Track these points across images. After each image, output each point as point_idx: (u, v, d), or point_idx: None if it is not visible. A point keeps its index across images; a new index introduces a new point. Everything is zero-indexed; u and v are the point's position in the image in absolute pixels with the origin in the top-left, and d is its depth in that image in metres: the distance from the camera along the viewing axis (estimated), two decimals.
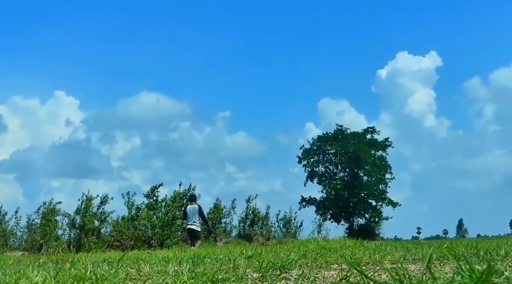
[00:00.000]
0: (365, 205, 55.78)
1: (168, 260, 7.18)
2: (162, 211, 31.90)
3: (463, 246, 7.78)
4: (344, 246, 11.64)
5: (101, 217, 31.76)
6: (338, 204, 55.39)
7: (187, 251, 10.85)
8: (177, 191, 33.17)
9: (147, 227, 31.05)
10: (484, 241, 11.96)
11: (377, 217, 55.01)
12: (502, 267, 2.64)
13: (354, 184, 56.06)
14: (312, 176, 57.52)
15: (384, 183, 55.98)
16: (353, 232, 48.90)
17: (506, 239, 14.09)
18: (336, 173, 58.02)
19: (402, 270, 3.34)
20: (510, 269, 2.71)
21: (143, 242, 30.02)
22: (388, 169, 56.52)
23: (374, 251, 7.77)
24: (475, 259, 4.29)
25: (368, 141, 57.24)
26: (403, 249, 8.82)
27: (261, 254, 7.60)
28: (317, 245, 12.76)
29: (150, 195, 32.44)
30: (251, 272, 4.86)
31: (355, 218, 56.32)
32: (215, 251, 11.24)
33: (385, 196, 55.61)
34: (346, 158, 56.38)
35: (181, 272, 4.84)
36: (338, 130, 58.25)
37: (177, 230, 31.72)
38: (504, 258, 3.73)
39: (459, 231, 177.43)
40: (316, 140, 58.52)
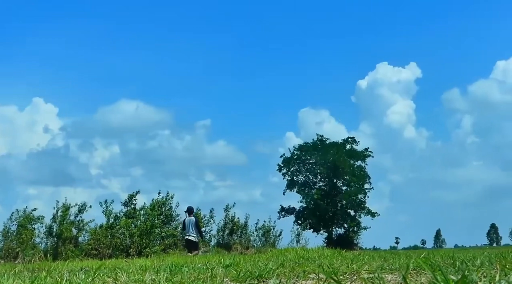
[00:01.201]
0: (344, 214, 55.89)
1: (145, 269, 7.14)
2: (140, 220, 31.67)
3: (439, 257, 7.85)
4: (322, 256, 11.68)
5: (79, 225, 31.45)
6: (317, 214, 55.45)
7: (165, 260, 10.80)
8: (156, 199, 32.97)
9: (125, 236, 30.77)
10: (461, 252, 12.07)
11: (356, 227, 55.18)
12: (477, 278, 2.67)
13: (333, 194, 56.20)
14: (292, 185, 57.59)
15: (363, 193, 56.19)
16: (331, 241, 48.99)
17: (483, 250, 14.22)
18: (316, 183, 58.16)
19: (378, 280, 3.36)
20: (485, 279, 2.74)
21: (121, 251, 29.76)
22: (367, 179, 56.75)
23: (352, 261, 7.80)
24: (451, 269, 4.33)
25: (348, 151, 57.45)
26: (381, 259, 8.86)
27: (239, 263, 7.59)
28: (296, 255, 12.79)
29: (128, 203, 32.21)
30: (228, 281, 4.86)
31: (334, 227, 56.42)
32: (193, 260, 11.21)
33: (364, 206, 55.79)
34: (326, 168, 56.52)
35: (158, 281, 4.82)
36: (318, 140, 58.45)
37: (155, 238, 31.51)
38: (479, 269, 3.77)
39: (437, 241, 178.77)
40: (296, 150, 58.64)
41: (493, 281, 2.58)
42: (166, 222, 33.32)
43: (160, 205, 32.76)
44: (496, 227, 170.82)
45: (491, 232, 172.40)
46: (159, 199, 33.07)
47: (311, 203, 55.91)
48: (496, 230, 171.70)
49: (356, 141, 58.55)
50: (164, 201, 33.13)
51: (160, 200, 33.03)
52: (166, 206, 33.36)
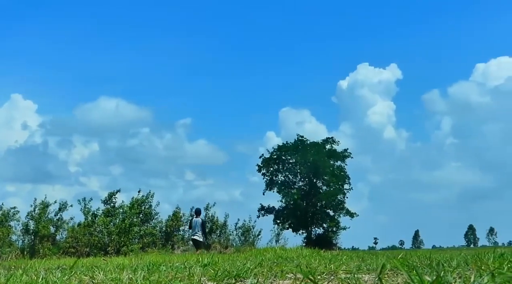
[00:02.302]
0: (323, 214, 56.03)
1: (123, 267, 7.10)
2: (119, 218, 31.49)
3: (417, 257, 7.88)
4: (300, 256, 11.70)
5: (57, 223, 31.22)
6: (296, 213, 55.53)
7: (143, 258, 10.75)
8: (136, 198, 32.81)
9: (103, 234, 30.60)
10: (438, 252, 12.15)
11: (335, 227, 55.34)
12: (452, 279, 2.68)
13: (313, 194, 56.31)
14: (271, 185, 57.59)
15: (342, 193, 56.37)
16: (310, 241, 49.11)
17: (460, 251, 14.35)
18: (295, 183, 58.21)
19: (355, 280, 3.37)
20: (460, 280, 2.76)
21: (100, 249, 29.59)
22: (346, 180, 56.95)
23: (330, 261, 7.82)
24: (427, 270, 4.35)
25: (328, 152, 57.57)
26: (359, 259, 8.89)
27: (218, 263, 7.58)
28: (274, 254, 12.80)
29: (107, 202, 32.01)
30: (206, 280, 4.84)
31: (313, 227, 56.53)
32: (171, 259, 11.17)
33: (343, 206, 55.95)
34: (305, 168, 56.61)
35: (136, 280, 4.79)
36: (298, 140, 58.50)
37: (134, 237, 31.37)
38: (455, 270, 3.79)
39: (415, 242, 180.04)
40: (276, 150, 58.65)
41: (467, 282, 2.60)
42: (145, 221, 33.18)
43: (139, 203, 32.60)
44: (474, 228, 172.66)
45: (469, 233, 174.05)
46: (139, 197, 32.92)
47: (291, 203, 55.97)
48: (473, 231, 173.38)
49: (336, 141, 58.73)
50: (143, 199, 32.98)
51: (140, 198, 32.88)
52: (146, 205, 33.20)
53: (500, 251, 6.83)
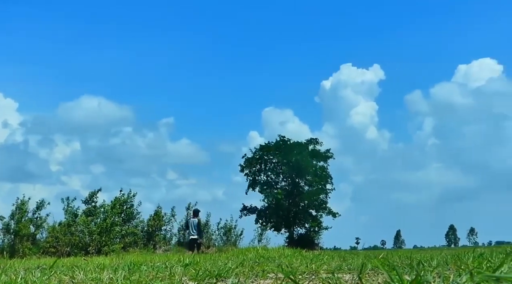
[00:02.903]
0: (306, 214, 56.05)
1: (103, 267, 7.06)
2: (100, 217, 31.32)
3: (398, 257, 7.93)
4: (282, 255, 11.71)
5: (37, 222, 30.99)
6: (278, 213, 55.53)
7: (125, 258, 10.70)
8: (117, 197, 32.66)
9: (84, 234, 30.42)
10: (419, 252, 12.24)
11: (317, 227, 55.38)
12: (431, 278, 2.70)
13: (295, 194, 56.33)
14: (254, 184, 57.53)
15: (324, 193, 56.43)
16: (293, 241, 49.11)
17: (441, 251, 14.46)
18: (278, 183, 58.20)
19: (336, 280, 3.38)
20: (439, 280, 2.77)
21: (80, 249, 29.41)
22: (329, 180, 57.01)
23: (311, 261, 7.84)
24: (407, 269, 4.38)
25: (310, 152, 57.64)
26: (340, 259, 8.93)
27: (199, 262, 7.57)
28: (256, 254, 12.80)
29: (88, 201, 31.83)
30: (187, 280, 4.83)
31: (295, 227, 56.55)
32: (153, 259, 11.13)
33: (325, 206, 56.01)
34: (288, 168, 56.63)
35: (116, 279, 4.77)
36: (280, 140, 58.50)
37: (115, 236, 31.21)
38: (435, 269, 3.82)
39: (397, 242, 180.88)
40: (259, 149, 58.62)
41: (447, 281, 2.62)
42: (127, 220, 33.04)
43: (121, 203, 32.45)
44: (455, 228, 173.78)
45: (450, 233, 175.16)
46: (121, 197, 32.76)
47: (273, 203, 55.96)
48: (454, 231, 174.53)
49: (319, 142, 58.78)
50: (125, 199, 32.84)
51: (122, 198, 32.72)
52: (128, 204, 33.06)
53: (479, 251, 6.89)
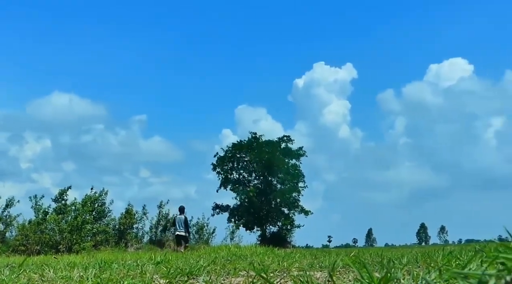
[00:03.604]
0: (278, 212, 56.22)
1: (74, 265, 7.00)
2: (71, 215, 30.99)
3: (369, 255, 8.00)
4: (255, 253, 11.72)
5: (7, 220, 30.57)
6: (250, 211, 55.61)
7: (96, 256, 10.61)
8: (88, 195, 32.34)
9: (54, 232, 30.06)
10: (390, 250, 12.33)
11: (289, 225, 55.59)
12: (401, 275, 2.72)
13: (268, 192, 56.45)
14: (226, 183, 57.52)
15: (297, 191, 56.64)
16: (265, 239, 49.24)
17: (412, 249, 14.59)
18: (250, 181, 58.29)
19: (307, 278, 3.39)
20: (409, 277, 2.80)
21: (51, 247, 29.05)
22: (301, 178, 57.25)
23: (283, 259, 7.87)
24: (378, 267, 4.41)
25: (283, 150, 57.78)
26: (312, 257, 8.97)
27: (171, 260, 7.54)
28: (228, 252, 12.82)
29: (58, 199, 31.47)
30: (158, 278, 4.81)
31: (267, 225, 56.68)
32: (124, 257, 11.06)
33: (297, 204, 56.24)
34: (260, 166, 56.73)
35: (86, 277, 4.73)
36: (252, 138, 58.54)
37: (86, 234, 30.91)
38: (405, 267, 3.86)
39: (368, 240, 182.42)
40: (231, 148, 58.59)
41: (416, 279, 2.65)
42: (98, 218, 32.75)
43: (92, 201, 32.15)
44: (426, 226, 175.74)
45: (421, 231, 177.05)
46: (92, 195, 32.46)
47: (245, 201, 56.01)
48: (425, 229, 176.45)
49: (291, 139, 58.97)
50: (97, 197, 32.55)
51: (93, 196, 32.43)
52: (99, 202, 32.78)
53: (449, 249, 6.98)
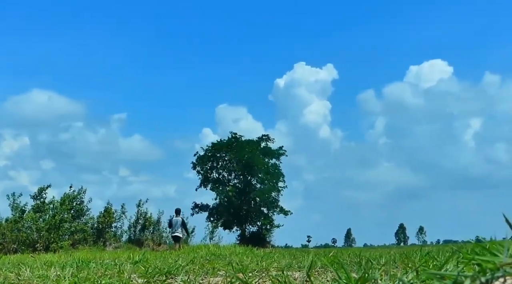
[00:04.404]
0: (257, 212, 56.22)
1: (51, 264, 6.94)
2: (49, 214, 30.75)
3: (347, 255, 8.03)
4: (234, 253, 11.72)
5: None
6: (230, 211, 55.56)
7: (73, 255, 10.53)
8: (67, 193, 32.12)
9: (32, 230, 29.81)
10: (369, 251, 12.40)
11: (269, 225, 55.61)
12: (378, 275, 2.73)
13: (247, 192, 56.42)
14: (205, 182, 57.42)
15: (276, 191, 56.66)
16: (244, 239, 49.23)
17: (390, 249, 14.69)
18: (230, 180, 58.24)
19: (285, 277, 3.40)
20: (386, 277, 2.81)
21: (28, 246, 28.82)
22: (281, 178, 57.27)
23: (262, 258, 7.88)
24: (356, 267, 4.43)
25: (262, 149, 57.79)
26: (291, 257, 8.99)
27: (149, 260, 7.51)
28: (208, 252, 12.80)
29: (37, 197, 31.21)
30: (136, 277, 4.79)
31: (247, 225, 56.67)
32: (102, 256, 11.00)
33: (277, 204, 56.26)
34: (240, 165, 56.69)
35: (63, 277, 4.69)
36: (232, 138, 58.49)
37: (64, 233, 30.69)
38: (383, 267, 3.88)
39: (347, 240, 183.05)
40: (211, 147, 58.50)
41: (393, 279, 2.66)
42: (77, 217, 32.55)
43: (71, 199, 31.95)
44: (404, 227, 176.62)
45: (399, 232, 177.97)
46: (70, 193, 32.25)
47: (225, 200, 55.95)
48: (404, 230, 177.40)
49: (271, 139, 59.00)
50: (75, 195, 32.35)
51: (71, 194, 32.22)
52: (77, 201, 32.59)
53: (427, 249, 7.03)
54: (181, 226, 25.68)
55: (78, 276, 4.70)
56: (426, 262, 3.99)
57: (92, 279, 4.53)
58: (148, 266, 5.62)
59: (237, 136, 58.61)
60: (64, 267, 5.96)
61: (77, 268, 5.84)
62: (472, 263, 1.99)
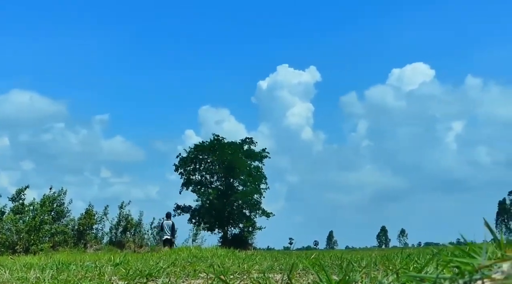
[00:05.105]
0: (240, 214, 56.21)
1: (31, 266, 6.88)
2: (29, 215, 30.47)
3: (329, 257, 8.05)
4: (215, 255, 11.71)
5: None
6: (212, 213, 55.50)
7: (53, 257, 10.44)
8: (47, 195, 31.85)
9: (11, 232, 29.51)
10: (351, 253, 12.44)
11: (251, 227, 55.61)
12: (359, 278, 2.75)
13: (229, 194, 56.38)
14: (188, 184, 57.34)
15: (258, 193, 56.73)
16: (227, 241, 49.15)
17: (371, 251, 14.75)
18: (212, 182, 58.19)
19: (266, 280, 3.40)
20: (367, 280, 2.82)
21: (7, 248, 28.53)
22: (263, 180, 57.33)
23: (243, 261, 7.87)
24: (337, 269, 4.45)
25: (245, 151, 57.82)
26: (273, 259, 8.99)
27: (130, 262, 7.48)
28: (189, 254, 12.77)
29: (16, 198, 30.91)
30: (117, 279, 4.77)
31: (229, 227, 56.62)
32: (83, 258, 10.92)
33: (259, 206, 56.31)
34: (222, 168, 56.68)
35: (43, 279, 4.66)
36: (215, 140, 58.45)
37: (45, 235, 30.42)
38: (363, 269, 3.89)
39: (329, 242, 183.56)
40: (193, 149, 58.43)
41: (374, 281, 2.67)
42: (57, 219, 32.29)
43: (51, 201, 31.68)
44: (386, 229, 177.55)
45: (381, 234, 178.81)
46: (51, 194, 31.99)
47: (207, 202, 55.91)
48: (385, 232, 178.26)
49: (253, 141, 59.05)
50: (55, 197, 32.09)
51: (52, 195, 31.96)
52: (58, 202, 32.33)
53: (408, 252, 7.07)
54: (171, 229, 26.43)
55: (58, 278, 4.67)
56: (407, 264, 4.02)
57: (72, 281, 4.50)
58: (129, 268, 5.60)
59: (219, 138, 58.59)
60: (44, 269, 5.92)
61: (57, 270, 5.80)
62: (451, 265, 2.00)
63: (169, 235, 26.31)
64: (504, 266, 1.50)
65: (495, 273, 1.49)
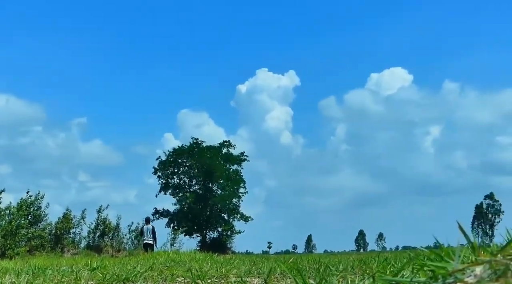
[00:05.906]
0: (218, 218, 56.17)
1: (6, 271, 6.81)
2: (5, 220, 30.11)
3: (307, 261, 8.07)
4: (194, 259, 11.68)
5: None
6: (190, 217, 55.36)
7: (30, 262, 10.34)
8: (24, 198, 31.51)
9: None
10: (329, 257, 12.48)
11: (229, 231, 55.57)
12: (336, 281, 2.76)
13: (208, 198, 56.30)
14: (166, 188, 57.15)
15: (237, 197, 56.74)
16: (205, 245, 49.04)
17: (350, 255, 14.80)
18: (191, 186, 58.08)
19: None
20: (344, 283, 2.84)
21: None
22: (242, 184, 57.37)
23: (221, 265, 7.86)
24: (314, 273, 4.46)
25: (224, 155, 57.82)
26: (251, 263, 8.99)
27: (107, 266, 7.43)
28: (167, 258, 12.73)
29: None
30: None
31: (207, 231, 56.52)
32: (60, 263, 10.83)
33: (237, 210, 56.32)
34: (201, 171, 56.58)
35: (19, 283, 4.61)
36: (194, 143, 58.35)
37: (21, 239, 30.09)
38: (340, 273, 3.91)
39: (308, 246, 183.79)
40: (172, 152, 58.28)
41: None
42: (34, 223, 31.95)
43: (28, 205, 31.34)
44: (364, 233, 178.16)
45: (359, 238, 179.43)
46: (28, 198, 31.65)
47: (185, 206, 55.77)
48: (363, 236, 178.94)
49: (232, 145, 59.08)
50: (32, 201, 31.76)
51: (29, 199, 31.63)
52: (35, 206, 32.00)
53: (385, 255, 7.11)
54: (151, 234, 26.76)
55: (33, 283, 4.63)
56: (384, 268, 4.04)
57: None
58: (106, 272, 5.56)
59: (198, 141, 58.51)
60: (20, 274, 5.86)
61: (33, 275, 5.74)
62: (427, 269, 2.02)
63: (149, 240, 26.57)
64: (477, 270, 1.52)
65: (468, 277, 1.51)
